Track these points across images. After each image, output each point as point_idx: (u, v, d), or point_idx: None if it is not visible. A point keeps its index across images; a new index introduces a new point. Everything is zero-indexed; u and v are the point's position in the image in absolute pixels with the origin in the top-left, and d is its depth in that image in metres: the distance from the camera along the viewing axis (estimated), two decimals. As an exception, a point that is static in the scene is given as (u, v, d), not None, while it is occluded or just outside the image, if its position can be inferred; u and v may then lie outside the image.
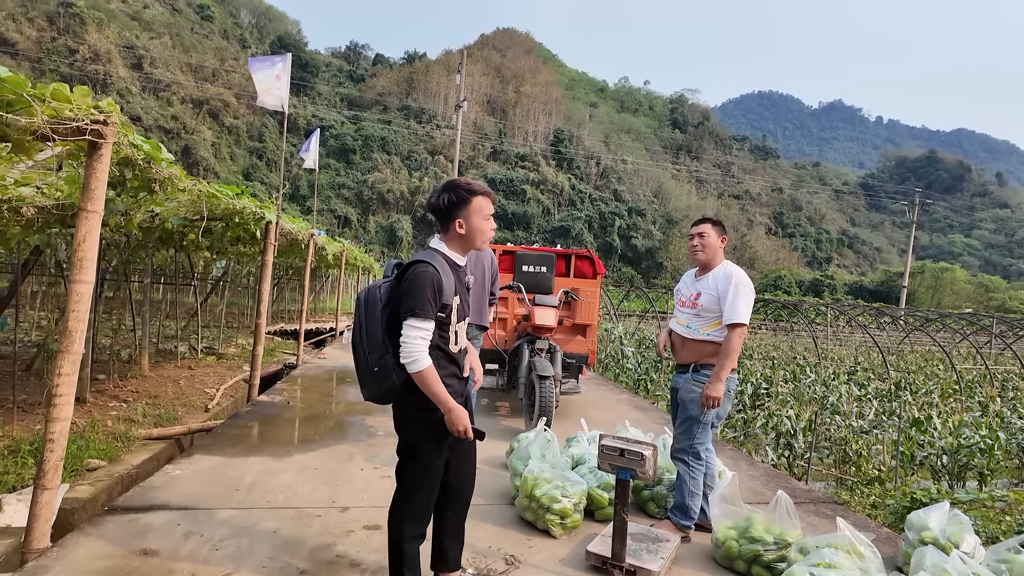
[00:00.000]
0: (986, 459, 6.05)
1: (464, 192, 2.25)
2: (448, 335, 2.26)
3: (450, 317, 2.24)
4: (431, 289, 2.13)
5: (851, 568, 2.33)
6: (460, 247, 2.33)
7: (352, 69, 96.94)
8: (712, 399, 3.14)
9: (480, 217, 2.27)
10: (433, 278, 2.14)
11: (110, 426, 5.68)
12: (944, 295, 59.98)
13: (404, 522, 2.28)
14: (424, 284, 2.13)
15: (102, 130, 2.77)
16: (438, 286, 2.15)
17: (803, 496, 4.16)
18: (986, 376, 12.99)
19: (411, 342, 2.11)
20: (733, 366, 3.17)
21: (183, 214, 5.15)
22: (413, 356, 2.11)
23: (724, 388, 3.15)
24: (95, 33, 58.01)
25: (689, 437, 3.27)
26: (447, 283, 2.19)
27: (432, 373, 2.13)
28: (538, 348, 5.42)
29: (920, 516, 2.95)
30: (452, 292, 2.21)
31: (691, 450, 3.27)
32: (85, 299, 2.82)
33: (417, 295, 2.12)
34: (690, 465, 3.26)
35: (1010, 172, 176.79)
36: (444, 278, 2.18)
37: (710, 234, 3.36)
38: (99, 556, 2.67)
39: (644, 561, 2.71)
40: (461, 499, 2.47)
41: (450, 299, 2.21)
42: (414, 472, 2.30)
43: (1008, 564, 2.44)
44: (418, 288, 2.12)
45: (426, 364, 2.12)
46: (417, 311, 2.11)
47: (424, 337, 2.13)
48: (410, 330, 2.12)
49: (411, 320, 2.12)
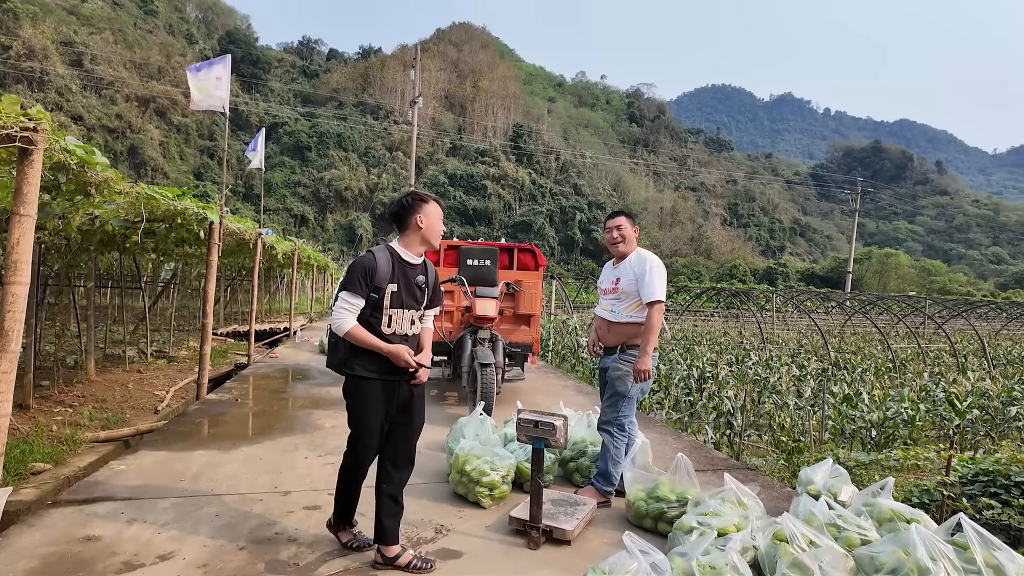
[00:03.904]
0: (909, 429, 6.55)
1: (422, 198, 2.75)
2: (381, 316, 2.63)
3: (383, 300, 2.61)
4: (362, 272, 2.58)
5: (732, 515, 2.65)
6: (417, 244, 2.72)
7: (305, 65, 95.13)
8: (643, 372, 3.43)
9: (435, 216, 2.73)
10: (368, 264, 2.59)
11: (55, 430, 5.66)
12: (890, 280, 62.73)
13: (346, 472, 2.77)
14: (357, 267, 2.60)
15: (32, 136, 2.88)
16: (371, 271, 2.58)
17: (720, 464, 4.53)
18: (919, 354, 13.83)
19: (338, 311, 2.59)
20: (656, 341, 3.47)
21: (123, 216, 5.19)
22: (337, 321, 2.58)
23: (649, 360, 3.44)
24: (29, 28, 55.36)
25: (615, 410, 3.57)
26: (383, 270, 2.59)
27: (358, 330, 2.57)
28: (480, 338, 5.67)
29: (807, 472, 3.31)
30: (388, 279, 2.61)
31: (616, 422, 3.57)
32: (21, 299, 2.92)
33: (350, 275, 2.59)
34: (614, 435, 3.56)
35: (949, 161, 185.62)
36: (381, 266, 2.59)
37: (625, 226, 3.71)
38: (43, 543, 2.79)
39: (560, 522, 2.99)
40: (395, 481, 2.75)
41: (384, 284, 2.60)
42: (351, 432, 2.74)
43: (869, 507, 2.81)
44: (352, 270, 2.60)
45: (349, 325, 2.56)
46: (347, 286, 2.58)
47: (348, 308, 2.57)
48: (339, 302, 2.59)
49: (341, 293, 2.60)
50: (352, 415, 2.72)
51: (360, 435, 2.71)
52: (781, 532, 2.41)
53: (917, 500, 3.70)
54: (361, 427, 2.70)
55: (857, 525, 2.58)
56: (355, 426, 2.73)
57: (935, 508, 3.50)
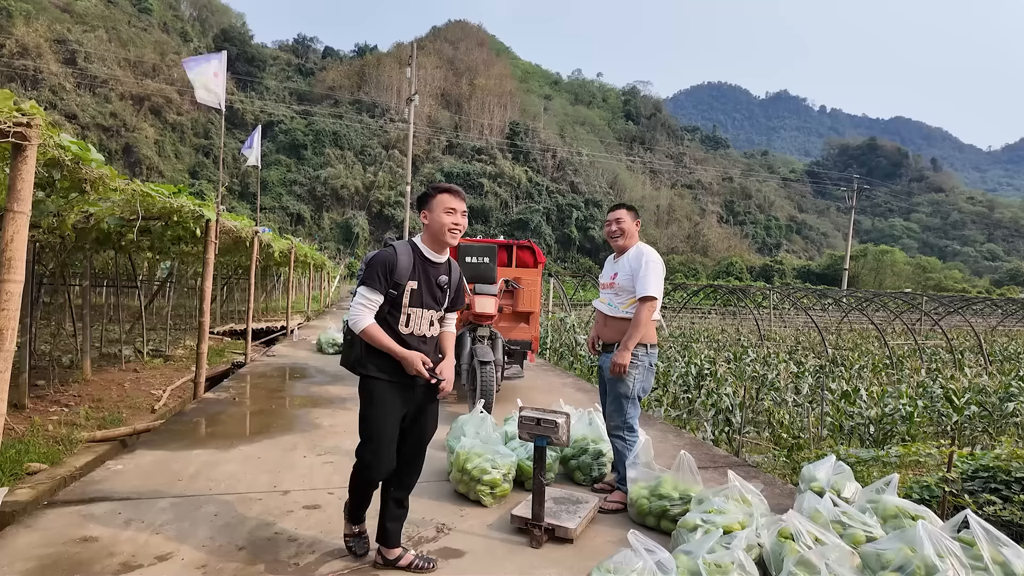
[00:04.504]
0: (907, 425, 6.55)
1: (431, 190, 2.61)
2: (399, 315, 2.53)
3: (402, 297, 2.50)
4: (382, 267, 2.46)
5: (737, 512, 2.63)
6: (431, 241, 2.59)
7: (301, 63, 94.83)
8: (618, 366, 3.36)
9: (440, 210, 2.55)
10: (387, 258, 2.48)
11: (51, 430, 5.61)
12: (885, 276, 62.93)
13: (357, 473, 2.62)
14: (376, 261, 2.49)
15: (26, 132, 2.83)
16: (391, 266, 2.47)
17: (722, 461, 4.51)
18: (915, 351, 13.87)
19: (355, 307, 2.48)
20: (641, 337, 3.41)
21: (118, 214, 5.14)
22: (355, 318, 2.47)
23: (630, 357, 3.39)
24: (23, 27, 55.04)
25: (622, 413, 3.50)
26: (403, 265, 2.49)
27: (375, 329, 2.46)
28: (479, 336, 5.65)
29: (810, 469, 3.30)
30: (407, 275, 2.50)
31: (625, 425, 3.50)
32: (15, 297, 2.88)
33: (369, 269, 2.49)
34: (626, 440, 3.50)
35: (944, 158, 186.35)
36: (402, 261, 2.49)
37: (625, 219, 3.62)
38: (39, 544, 2.76)
39: (562, 520, 2.97)
40: (403, 485, 2.67)
41: (403, 280, 2.49)
42: (361, 437, 2.61)
43: (874, 503, 2.79)
44: (371, 264, 2.50)
45: (366, 323, 2.45)
46: (366, 281, 2.47)
47: (366, 305, 2.47)
48: (358, 297, 2.49)
49: (360, 288, 2.49)
50: (363, 419, 2.58)
51: (371, 439, 2.55)
52: (786, 529, 2.39)
53: (918, 496, 3.69)
54: (372, 431, 2.55)
55: (862, 522, 2.56)
56: (365, 430, 2.57)
57: (936, 504, 3.49)
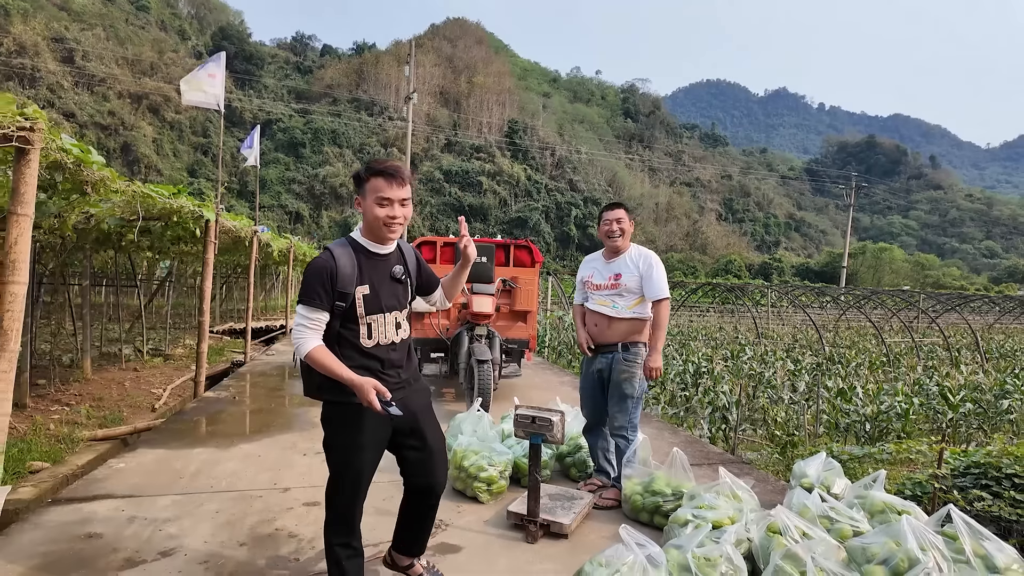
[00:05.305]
0: (902, 423, 6.60)
1: (363, 171, 2.11)
2: (357, 327, 2.12)
3: (355, 308, 2.10)
4: (318, 278, 2.03)
5: (727, 508, 2.69)
6: (371, 234, 2.15)
7: (299, 61, 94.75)
8: (654, 369, 3.38)
9: (371, 199, 2.07)
10: (324, 267, 2.05)
11: (53, 429, 5.66)
12: (884, 274, 63.04)
13: (329, 528, 2.18)
14: (311, 274, 2.05)
15: (29, 136, 2.88)
16: (330, 274, 2.04)
17: (716, 458, 4.57)
18: (912, 348, 13.93)
19: (296, 330, 2.06)
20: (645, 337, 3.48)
21: (119, 215, 5.19)
22: (297, 342, 2.04)
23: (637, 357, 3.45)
24: (20, 24, 54.96)
25: (626, 414, 3.50)
26: (345, 270, 2.06)
27: (321, 352, 2.02)
28: (477, 334, 5.71)
29: (801, 466, 3.35)
30: (353, 281, 2.08)
31: (631, 425, 3.52)
32: (19, 299, 2.93)
33: (305, 284, 2.06)
34: (629, 439, 3.53)
35: (943, 155, 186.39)
36: (342, 265, 2.06)
37: (625, 219, 3.54)
38: (43, 541, 2.81)
39: (557, 516, 3.03)
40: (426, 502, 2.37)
41: (350, 287, 2.07)
42: (330, 471, 2.18)
43: (862, 499, 2.85)
44: (306, 277, 2.07)
45: (310, 347, 2.02)
46: (303, 299, 2.05)
47: (307, 326, 2.04)
48: (297, 318, 2.07)
49: (298, 307, 2.07)
50: (328, 448, 2.17)
51: (341, 475, 2.14)
52: (775, 524, 2.45)
53: (910, 493, 3.75)
54: (341, 464, 2.15)
55: (849, 517, 2.62)
56: (333, 463, 2.16)
57: (927, 500, 3.55)
